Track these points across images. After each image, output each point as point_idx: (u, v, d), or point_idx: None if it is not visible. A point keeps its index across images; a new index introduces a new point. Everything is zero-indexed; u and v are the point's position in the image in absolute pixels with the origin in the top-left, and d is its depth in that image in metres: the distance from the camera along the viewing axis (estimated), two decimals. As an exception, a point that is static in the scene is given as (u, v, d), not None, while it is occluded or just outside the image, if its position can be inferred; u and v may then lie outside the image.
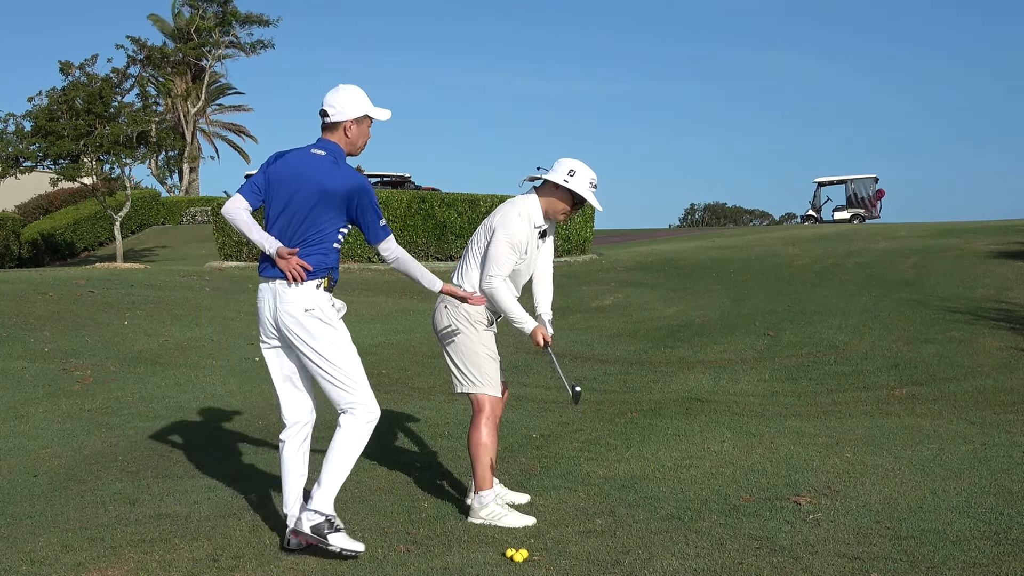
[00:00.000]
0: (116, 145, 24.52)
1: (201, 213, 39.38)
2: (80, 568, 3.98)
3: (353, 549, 4.06)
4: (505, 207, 4.67)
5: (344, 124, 4.20)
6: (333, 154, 4.19)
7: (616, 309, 13.47)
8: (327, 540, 4.02)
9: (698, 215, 68.97)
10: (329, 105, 4.20)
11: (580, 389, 4.67)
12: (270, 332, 4.21)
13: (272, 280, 4.14)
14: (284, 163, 4.20)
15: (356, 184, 4.11)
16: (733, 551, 4.09)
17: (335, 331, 4.13)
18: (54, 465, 5.88)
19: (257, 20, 43.59)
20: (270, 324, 4.19)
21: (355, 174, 4.16)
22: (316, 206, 4.10)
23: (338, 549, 4.03)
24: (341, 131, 4.22)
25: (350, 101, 4.19)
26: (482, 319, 4.65)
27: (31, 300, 11.99)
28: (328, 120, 4.22)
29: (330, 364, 4.10)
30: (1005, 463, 5.44)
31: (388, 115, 4.30)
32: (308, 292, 4.09)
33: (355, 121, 4.21)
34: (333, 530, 4.05)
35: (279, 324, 4.13)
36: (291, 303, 4.08)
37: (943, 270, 15.74)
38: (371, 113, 4.24)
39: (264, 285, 4.19)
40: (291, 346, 4.17)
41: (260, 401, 7.78)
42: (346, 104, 4.19)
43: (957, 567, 3.87)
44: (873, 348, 9.72)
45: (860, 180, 37.59)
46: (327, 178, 4.10)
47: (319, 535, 4.02)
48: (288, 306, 4.08)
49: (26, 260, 31.21)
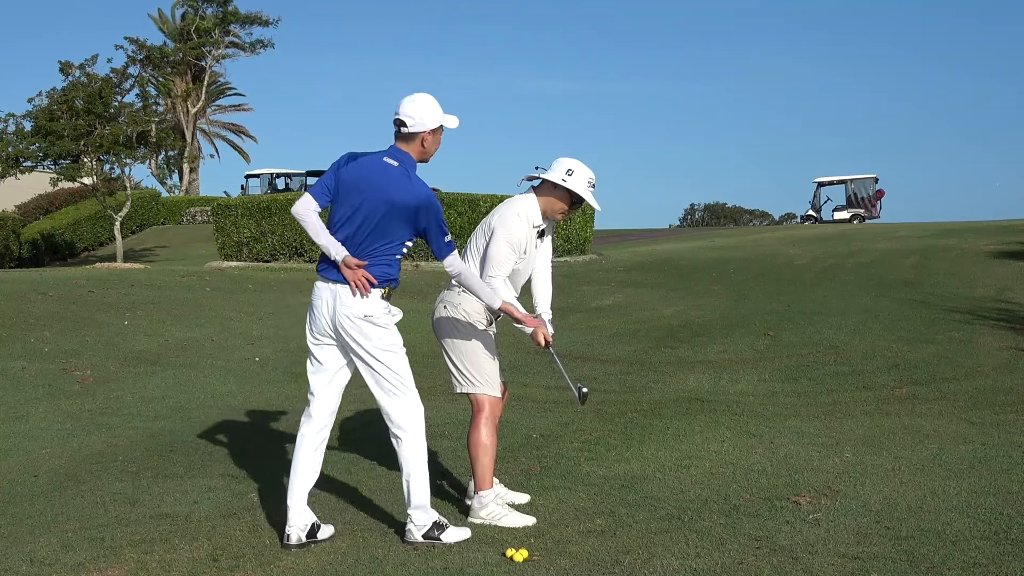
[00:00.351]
0: (116, 145, 24.53)
1: (201, 213, 39.36)
2: (80, 568, 3.99)
3: (464, 537, 4.28)
4: (503, 207, 4.67)
5: (422, 135, 4.20)
6: (405, 165, 4.18)
7: (616, 309, 13.47)
8: (441, 541, 4.22)
9: (698, 215, 69.01)
10: (407, 116, 4.17)
11: (587, 390, 4.68)
12: (324, 331, 4.26)
13: (333, 283, 4.18)
14: (356, 167, 4.20)
15: (424, 199, 4.13)
16: (733, 551, 4.09)
17: (389, 337, 4.23)
18: (54, 465, 5.88)
19: (257, 20, 43.59)
20: (326, 324, 4.23)
21: (424, 188, 4.16)
22: (384, 217, 4.13)
23: (453, 543, 4.22)
24: (418, 142, 4.22)
25: (429, 112, 4.18)
26: (481, 319, 4.65)
27: (31, 300, 11.99)
28: (406, 131, 4.19)
29: (383, 367, 4.20)
30: (1005, 463, 5.44)
31: (457, 123, 4.30)
32: (370, 301, 4.16)
33: (432, 132, 4.21)
34: (442, 530, 4.24)
35: (336, 325, 4.20)
36: (351, 307, 4.15)
37: (943, 270, 15.74)
38: (445, 122, 4.25)
39: (323, 285, 4.22)
40: (346, 347, 4.24)
41: (260, 401, 7.78)
42: (425, 115, 4.17)
43: (957, 567, 3.87)
44: (873, 348, 9.72)
45: (860, 180, 37.58)
46: (397, 190, 4.12)
47: (432, 539, 4.22)
48: (347, 309, 4.15)
49: (26, 260, 31.22)
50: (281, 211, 19.83)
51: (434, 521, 4.25)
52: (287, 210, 19.73)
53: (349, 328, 4.17)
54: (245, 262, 20.20)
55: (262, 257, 20.24)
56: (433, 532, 4.22)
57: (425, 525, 4.23)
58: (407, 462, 4.23)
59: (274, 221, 19.90)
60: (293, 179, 42.18)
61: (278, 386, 8.48)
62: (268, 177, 42.26)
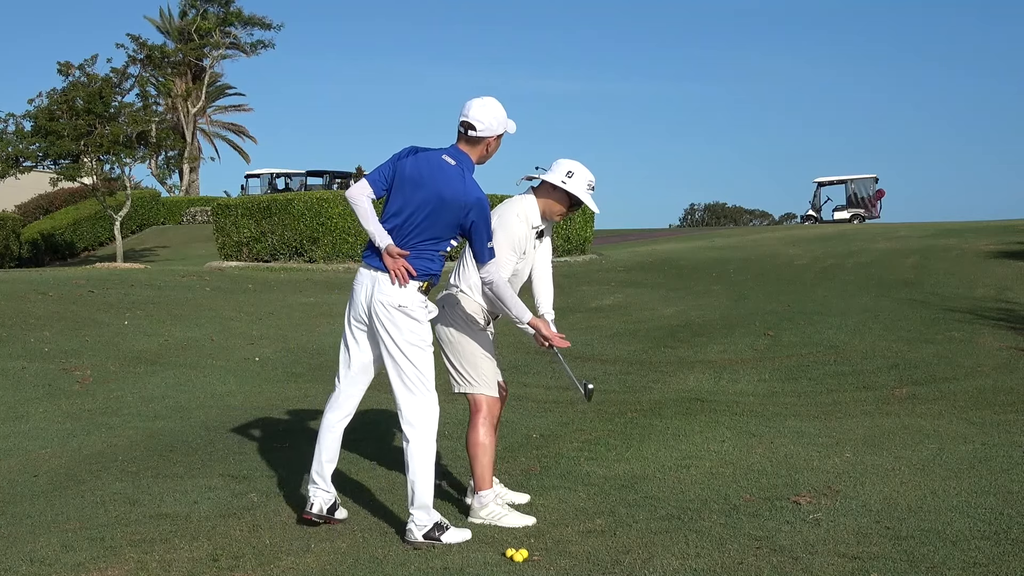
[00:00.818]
0: (116, 145, 24.52)
1: (201, 213, 39.36)
2: (80, 568, 3.98)
3: (464, 539, 4.29)
4: (502, 208, 4.67)
5: (487, 140, 4.28)
6: (462, 164, 4.24)
7: (616, 309, 13.47)
8: (441, 542, 4.23)
9: (698, 215, 68.99)
10: (477, 120, 4.23)
11: (592, 386, 4.69)
12: (360, 316, 4.33)
13: (375, 270, 4.25)
14: (415, 161, 4.25)
15: (474, 200, 4.18)
16: (733, 551, 4.09)
17: (420, 331, 4.26)
18: (54, 465, 5.88)
19: (259, 23, 43.63)
20: (362, 309, 4.30)
21: (477, 190, 4.21)
22: (432, 212, 4.19)
23: (453, 544, 4.23)
24: (482, 146, 4.31)
25: (497, 118, 4.25)
26: (479, 319, 4.65)
27: (31, 300, 11.99)
28: (473, 134, 4.25)
29: (407, 361, 4.23)
30: (1005, 463, 5.44)
31: (515, 128, 4.38)
32: (407, 292, 4.22)
33: (497, 137, 4.30)
34: (443, 531, 4.26)
35: (371, 311, 4.26)
36: (387, 295, 4.21)
37: (943, 270, 15.74)
38: (508, 128, 4.32)
39: (365, 272, 4.30)
40: (378, 336, 4.28)
41: (260, 401, 7.79)
42: (494, 121, 4.25)
43: (957, 567, 3.87)
44: (873, 348, 9.72)
45: (860, 180, 37.58)
46: (449, 187, 4.18)
47: (432, 539, 4.23)
48: (384, 297, 4.21)
49: (26, 260, 31.22)
50: (281, 211, 19.81)
51: (436, 522, 4.26)
52: (287, 210, 19.73)
53: (382, 315, 4.22)
54: (245, 262, 20.19)
55: (262, 257, 20.23)
56: (434, 533, 4.23)
57: (426, 525, 4.24)
58: (414, 460, 4.24)
59: (274, 221, 19.89)
60: (293, 179, 42.18)
61: (278, 386, 8.48)
62: (268, 177, 42.27)
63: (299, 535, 4.39)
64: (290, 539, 4.33)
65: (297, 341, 10.74)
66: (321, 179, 41.57)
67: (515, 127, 4.35)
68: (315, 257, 19.59)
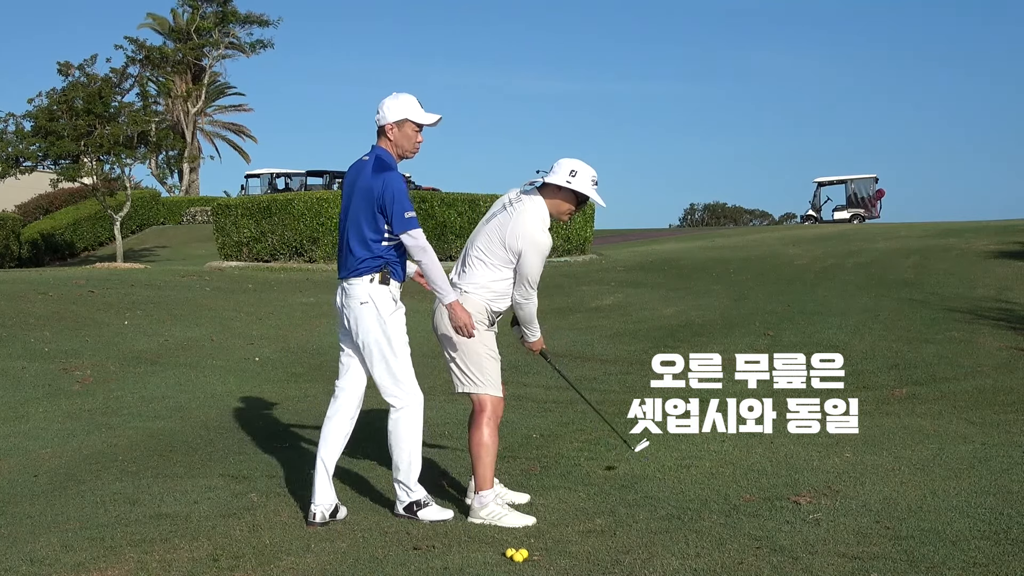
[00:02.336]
0: (116, 145, 24.50)
1: (201, 213, 39.34)
2: (80, 568, 3.99)
3: (443, 518, 4.56)
4: (525, 222, 4.59)
5: (385, 127, 4.53)
6: (372, 155, 4.55)
7: (616, 309, 13.46)
8: (419, 518, 4.53)
9: (698, 215, 68.91)
10: (376, 111, 4.55)
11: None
12: (342, 325, 4.62)
13: (343, 280, 4.57)
14: (347, 173, 4.64)
15: (381, 177, 4.41)
16: (733, 551, 4.10)
17: (385, 325, 4.48)
18: (54, 465, 5.88)
19: (257, 20, 43.57)
20: (343, 318, 4.60)
21: (384, 170, 4.44)
22: (357, 204, 4.48)
23: (430, 521, 4.51)
24: (385, 136, 4.54)
25: (391, 106, 4.51)
26: (484, 319, 4.65)
27: (31, 300, 11.99)
28: (377, 125, 4.56)
29: (379, 355, 4.49)
30: (1005, 463, 5.44)
31: (434, 119, 4.57)
32: (364, 286, 4.48)
33: (395, 124, 4.51)
34: (421, 507, 4.55)
35: (345, 316, 4.56)
36: (352, 297, 4.51)
37: (943, 270, 15.73)
38: (411, 117, 4.51)
39: (338, 283, 4.63)
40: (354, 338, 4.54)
41: (260, 401, 7.79)
42: (386, 111, 4.52)
43: (957, 567, 3.87)
44: (873, 348, 9.72)
45: (860, 180, 37.56)
46: (362, 177, 4.48)
47: (411, 513, 4.56)
48: (349, 299, 4.52)
49: (26, 260, 31.20)
50: (281, 211, 19.81)
51: (413, 500, 4.55)
52: (287, 210, 19.72)
53: (351, 316, 4.51)
54: (245, 262, 20.18)
55: (262, 257, 20.23)
56: (413, 508, 4.55)
57: (405, 501, 4.55)
58: (396, 442, 4.52)
59: (274, 221, 19.88)
60: (293, 179, 42.13)
61: (278, 386, 8.48)
62: (268, 177, 42.20)
63: (299, 535, 4.39)
64: (290, 539, 4.33)
65: (297, 341, 10.74)
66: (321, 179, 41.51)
67: (435, 118, 4.53)
68: (315, 257, 19.58)
